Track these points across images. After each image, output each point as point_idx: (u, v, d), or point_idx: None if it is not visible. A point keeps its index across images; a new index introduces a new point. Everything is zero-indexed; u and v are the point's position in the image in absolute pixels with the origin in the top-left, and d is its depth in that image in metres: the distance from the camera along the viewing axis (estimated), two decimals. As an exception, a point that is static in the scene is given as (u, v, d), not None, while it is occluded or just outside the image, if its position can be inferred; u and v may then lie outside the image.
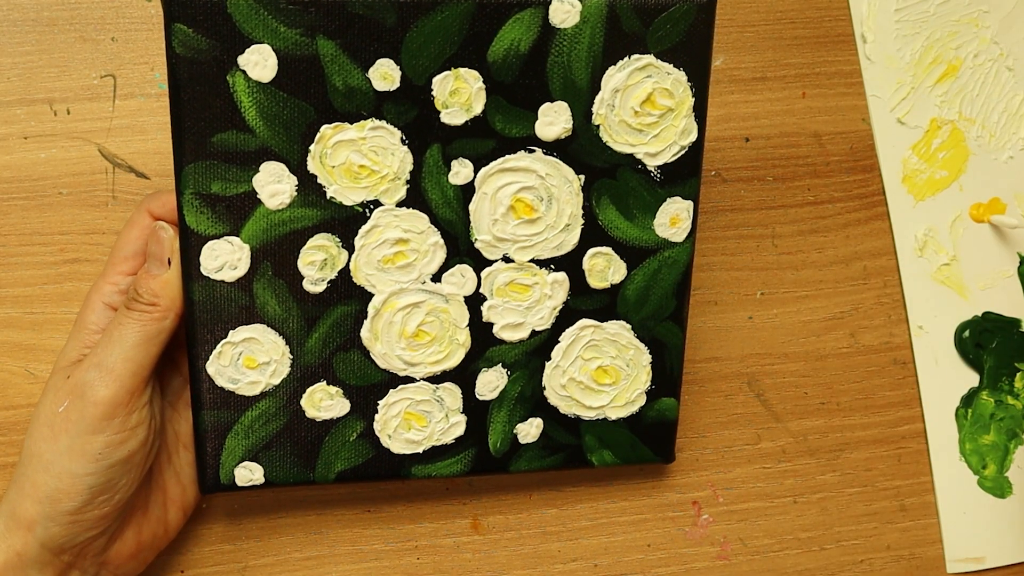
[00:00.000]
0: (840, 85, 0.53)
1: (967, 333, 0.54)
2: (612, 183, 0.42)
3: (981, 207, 0.54)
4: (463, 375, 0.43)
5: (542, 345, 0.44)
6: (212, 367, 0.41)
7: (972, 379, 0.54)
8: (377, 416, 0.43)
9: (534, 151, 0.41)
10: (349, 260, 0.41)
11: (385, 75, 0.39)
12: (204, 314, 0.40)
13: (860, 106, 0.53)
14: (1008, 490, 0.54)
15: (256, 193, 0.39)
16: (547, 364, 0.44)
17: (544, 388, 0.45)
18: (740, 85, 0.52)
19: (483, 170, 0.41)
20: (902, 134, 0.53)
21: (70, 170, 0.46)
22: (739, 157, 0.52)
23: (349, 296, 0.41)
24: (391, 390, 0.43)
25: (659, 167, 0.42)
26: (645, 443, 0.47)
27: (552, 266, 0.43)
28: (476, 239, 0.42)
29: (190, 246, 0.39)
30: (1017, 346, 0.54)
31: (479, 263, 0.42)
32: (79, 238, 0.46)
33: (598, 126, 0.41)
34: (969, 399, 0.54)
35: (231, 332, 0.41)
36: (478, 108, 0.40)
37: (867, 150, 0.53)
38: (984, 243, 0.54)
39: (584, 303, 0.44)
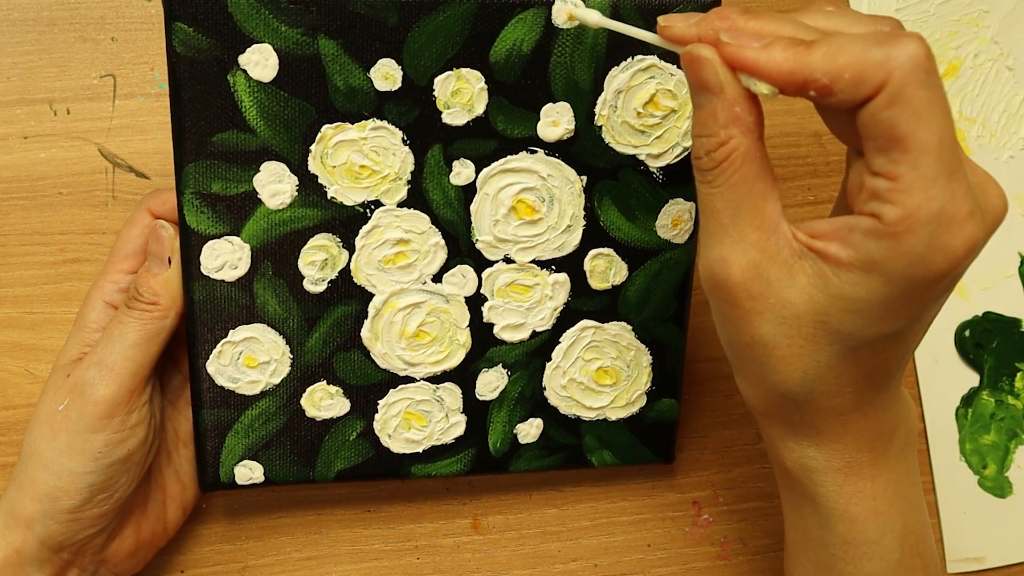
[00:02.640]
0: (841, 85, 0.53)
1: (967, 333, 0.54)
2: (614, 184, 0.42)
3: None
4: (463, 375, 0.43)
5: (543, 346, 0.44)
6: (212, 366, 0.41)
7: (972, 379, 0.54)
8: (377, 416, 0.43)
9: (536, 152, 0.41)
10: (350, 260, 0.41)
11: (387, 75, 0.39)
12: (204, 313, 0.40)
13: (861, 106, 0.53)
14: (1008, 490, 0.54)
15: (257, 193, 0.39)
16: (547, 365, 0.44)
17: (544, 389, 0.45)
18: (741, 85, 0.52)
19: (484, 171, 0.41)
20: (902, 134, 0.53)
21: (70, 170, 0.46)
22: (740, 157, 0.52)
23: (350, 296, 0.41)
24: (391, 390, 0.43)
25: (661, 168, 0.42)
26: (645, 444, 0.47)
27: (553, 267, 0.43)
28: (477, 240, 0.42)
29: (190, 245, 0.39)
30: (1017, 346, 0.54)
31: (480, 264, 0.42)
32: (79, 238, 0.46)
33: (600, 127, 0.41)
34: (969, 399, 0.54)
35: (231, 331, 0.41)
36: (480, 108, 0.40)
37: (867, 150, 0.53)
38: (984, 243, 0.54)
39: (585, 304, 0.44)
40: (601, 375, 0.45)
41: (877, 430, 0.34)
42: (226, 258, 0.40)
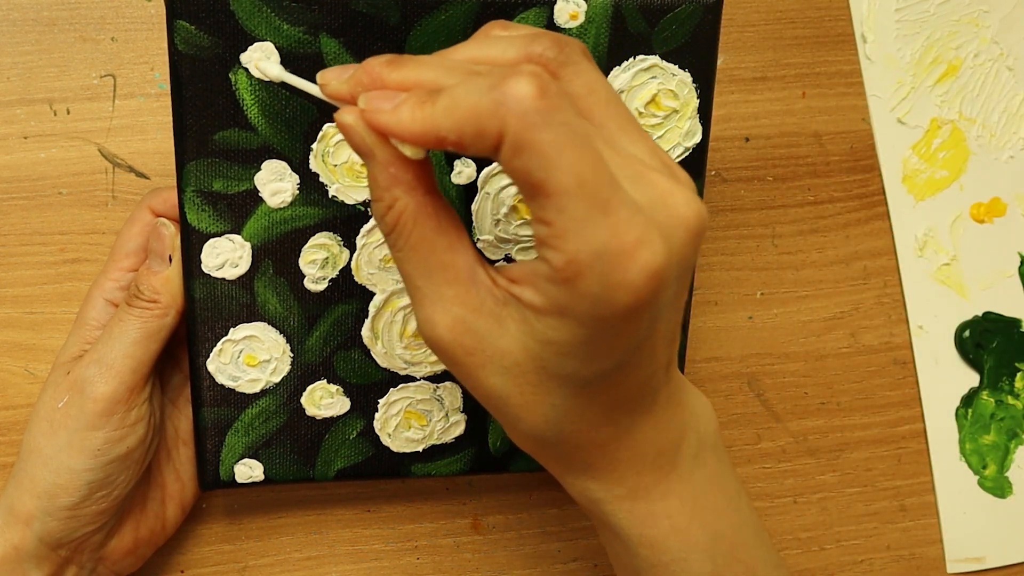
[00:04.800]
0: (840, 85, 0.53)
1: (967, 333, 0.54)
2: (614, 182, 0.42)
3: (982, 207, 0.54)
4: (464, 374, 0.43)
5: (543, 344, 0.44)
6: (212, 364, 0.41)
7: (972, 379, 0.54)
8: (377, 415, 0.43)
9: (536, 150, 0.41)
10: (350, 259, 0.41)
11: (388, 73, 0.39)
12: (205, 311, 0.40)
13: (860, 106, 0.53)
14: (1008, 490, 0.54)
15: (258, 191, 0.39)
16: (548, 363, 0.44)
17: (545, 387, 0.45)
18: (740, 85, 0.52)
19: (485, 170, 0.41)
20: (902, 134, 0.54)
21: (70, 170, 0.46)
22: (739, 157, 0.52)
23: (350, 295, 0.41)
24: (391, 389, 0.43)
25: (662, 165, 0.42)
26: (646, 443, 0.47)
27: (553, 265, 0.43)
28: (478, 239, 0.42)
29: (191, 244, 0.39)
30: (1017, 346, 0.54)
31: (481, 262, 0.42)
32: (79, 238, 0.46)
33: (600, 125, 0.41)
34: (969, 399, 0.54)
35: (232, 330, 0.41)
36: (480, 106, 0.40)
37: (867, 150, 0.54)
38: (984, 243, 0.54)
39: (585, 302, 0.44)
40: (602, 374, 0.45)
41: (655, 450, 0.32)
42: (227, 256, 0.40)
